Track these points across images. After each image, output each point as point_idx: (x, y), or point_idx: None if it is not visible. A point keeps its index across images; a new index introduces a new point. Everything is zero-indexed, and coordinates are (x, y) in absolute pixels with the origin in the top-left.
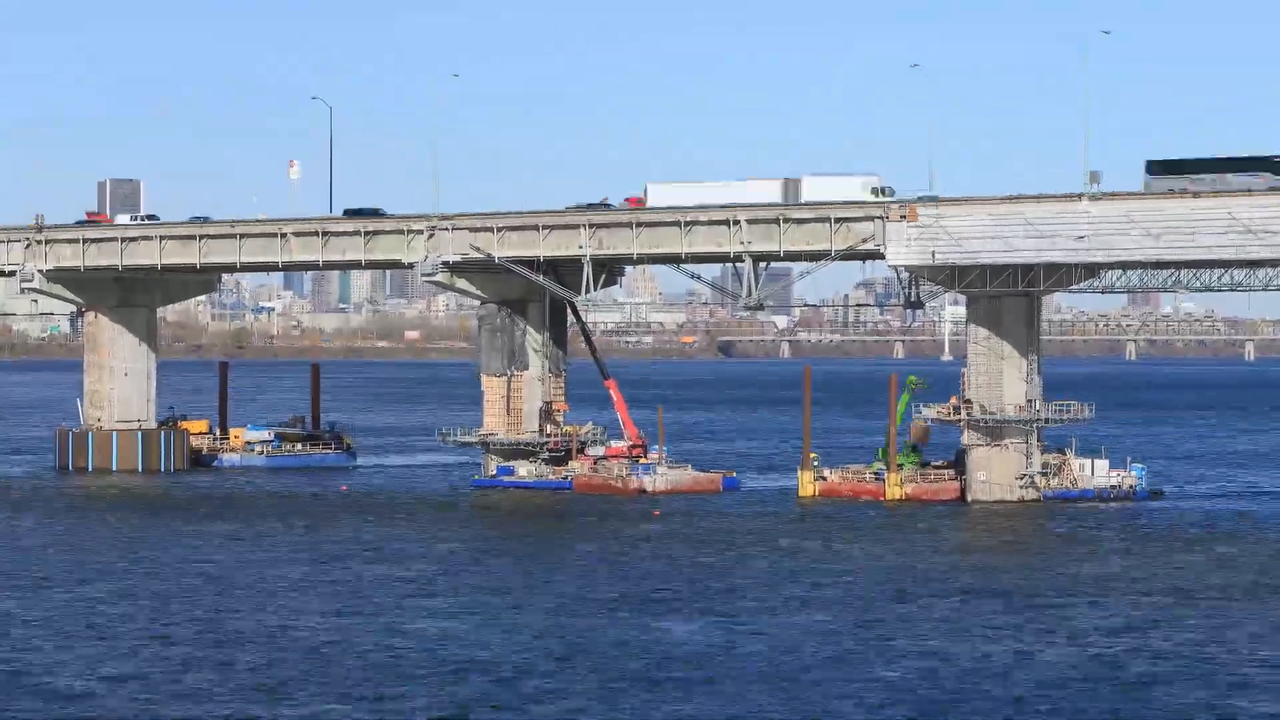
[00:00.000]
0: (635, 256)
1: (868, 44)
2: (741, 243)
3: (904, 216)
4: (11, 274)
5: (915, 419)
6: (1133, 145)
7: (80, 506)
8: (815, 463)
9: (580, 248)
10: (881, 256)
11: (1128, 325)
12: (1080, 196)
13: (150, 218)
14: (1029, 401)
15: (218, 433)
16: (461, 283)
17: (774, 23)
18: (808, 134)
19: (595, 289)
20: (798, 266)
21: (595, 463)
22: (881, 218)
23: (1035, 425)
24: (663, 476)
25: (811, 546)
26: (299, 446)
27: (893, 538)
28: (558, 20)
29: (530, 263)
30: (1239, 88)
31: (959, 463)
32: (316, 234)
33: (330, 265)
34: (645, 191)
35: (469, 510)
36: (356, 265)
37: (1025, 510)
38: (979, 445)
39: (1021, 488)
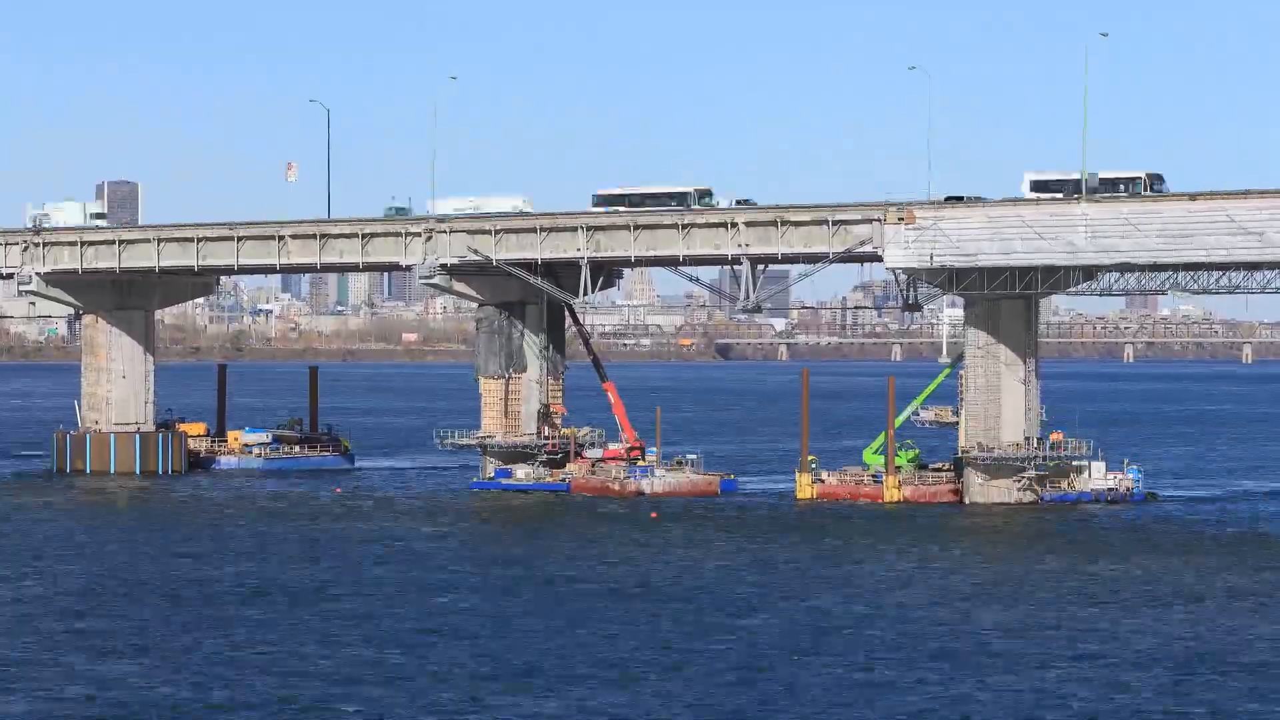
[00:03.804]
0: (633, 259)
1: (866, 46)
2: (739, 245)
3: (902, 219)
4: (9, 276)
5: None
6: (1131, 148)
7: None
8: (813, 465)
9: (578, 250)
10: (880, 259)
11: (1125, 327)
12: (1078, 199)
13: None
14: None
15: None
16: (459, 285)
17: (773, 24)
18: (807, 136)
19: (593, 291)
20: (796, 269)
21: (593, 465)
22: (879, 220)
23: (1031, 463)
24: (660, 479)
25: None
26: (296, 449)
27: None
28: (557, 21)
29: (528, 265)
30: (1239, 90)
31: (958, 465)
32: (314, 236)
33: (328, 267)
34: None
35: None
36: (354, 268)
37: (1027, 513)
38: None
39: (1019, 490)
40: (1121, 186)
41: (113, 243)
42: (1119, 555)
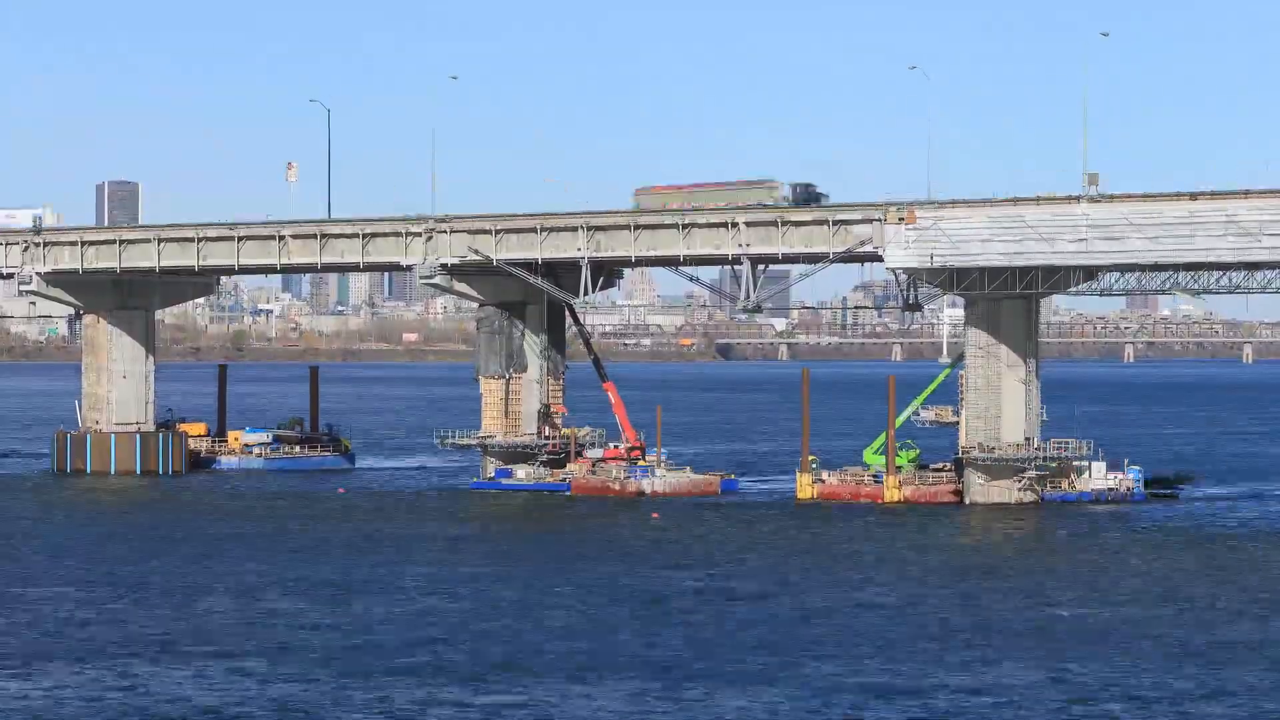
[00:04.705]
0: (633, 259)
1: (866, 46)
2: (740, 245)
3: (902, 219)
4: (10, 276)
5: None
6: (1132, 147)
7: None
8: (814, 465)
9: (578, 250)
10: (880, 259)
11: (1126, 327)
12: (1079, 199)
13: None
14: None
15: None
16: (460, 285)
17: (773, 24)
18: (806, 136)
19: (593, 291)
20: (796, 269)
21: (593, 465)
22: (880, 220)
23: (1032, 463)
24: (661, 479)
25: None
26: (297, 449)
27: None
28: (556, 21)
29: (529, 265)
30: (1238, 90)
31: (958, 465)
32: (315, 236)
33: (328, 267)
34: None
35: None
36: (354, 268)
37: (1029, 512)
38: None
39: (1020, 490)
40: None
41: (113, 242)
42: None
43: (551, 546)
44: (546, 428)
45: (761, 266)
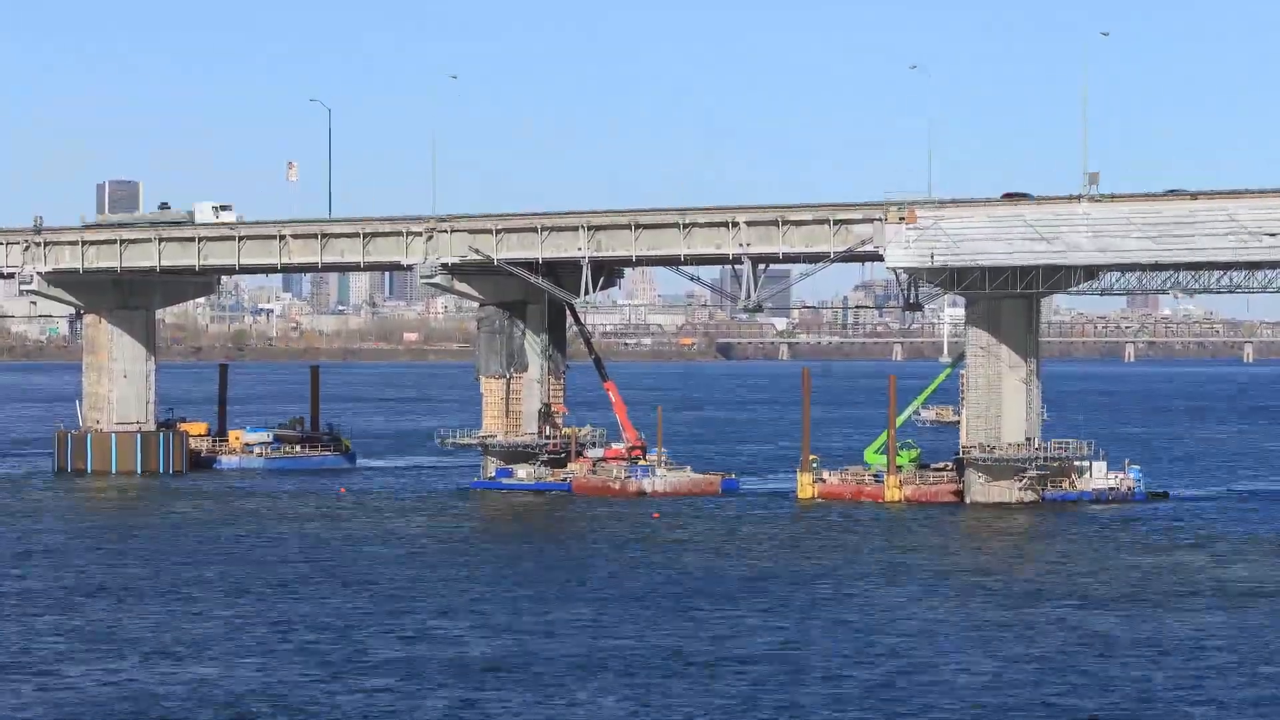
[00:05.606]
0: (634, 258)
1: (866, 45)
2: (740, 244)
3: (903, 218)
4: (10, 276)
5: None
6: (1132, 147)
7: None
8: (814, 465)
9: (579, 249)
10: (881, 258)
11: (1127, 327)
12: (1079, 198)
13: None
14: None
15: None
16: (460, 285)
17: (773, 24)
18: (806, 135)
19: (594, 291)
20: (797, 268)
21: (594, 465)
22: (881, 219)
23: (1032, 463)
24: (661, 479)
25: None
26: (297, 449)
27: None
28: (556, 21)
29: (529, 265)
30: (1239, 90)
31: (959, 464)
32: (315, 235)
33: (329, 267)
34: None
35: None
36: (355, 267)
37: (1032, 512)
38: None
39: (1020, 490)
40: None
41: (114, 242)
42: None
43: None
44: (547, 427)
45: (762, 266)
